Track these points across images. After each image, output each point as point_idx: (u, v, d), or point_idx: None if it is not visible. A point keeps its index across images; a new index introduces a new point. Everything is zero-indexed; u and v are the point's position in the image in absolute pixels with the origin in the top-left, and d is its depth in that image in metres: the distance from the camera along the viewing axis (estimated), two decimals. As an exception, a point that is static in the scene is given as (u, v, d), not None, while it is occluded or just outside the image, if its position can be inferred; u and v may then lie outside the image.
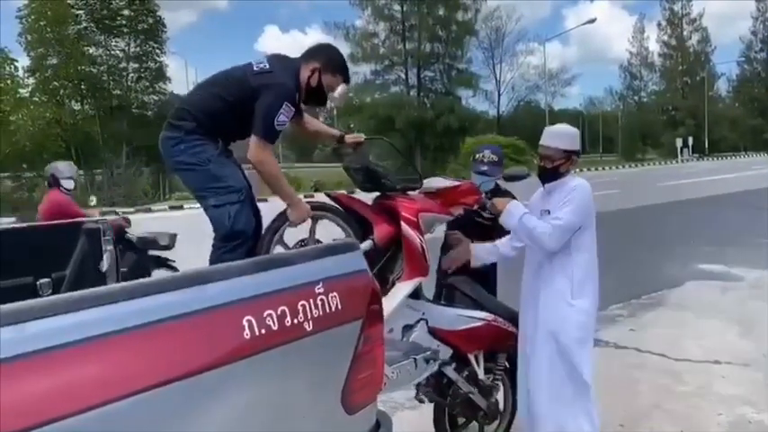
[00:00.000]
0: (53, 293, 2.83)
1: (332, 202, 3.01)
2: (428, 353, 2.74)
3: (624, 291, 7.20)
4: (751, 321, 5.80)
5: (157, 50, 31.11)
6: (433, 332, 2.99)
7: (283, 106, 2.67)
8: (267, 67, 2.76)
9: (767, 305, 6.33)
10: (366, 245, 2.78)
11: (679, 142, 52.63)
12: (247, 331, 1.55)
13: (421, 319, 2.96)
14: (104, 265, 2.80)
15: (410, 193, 3.00)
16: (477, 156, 3.70)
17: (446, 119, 34.01)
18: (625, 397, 4.13)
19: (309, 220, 2.86)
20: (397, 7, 36.71)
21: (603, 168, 43.30)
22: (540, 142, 3.03)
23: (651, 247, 10.66)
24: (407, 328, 2.94)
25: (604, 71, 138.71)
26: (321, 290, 1.77)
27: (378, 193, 3.08)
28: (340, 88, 2.93)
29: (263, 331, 1.58)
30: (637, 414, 3.90)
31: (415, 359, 2.71)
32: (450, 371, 3.11)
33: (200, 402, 1.45)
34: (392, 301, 2.76)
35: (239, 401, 1.54)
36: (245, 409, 1.56)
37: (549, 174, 3.02)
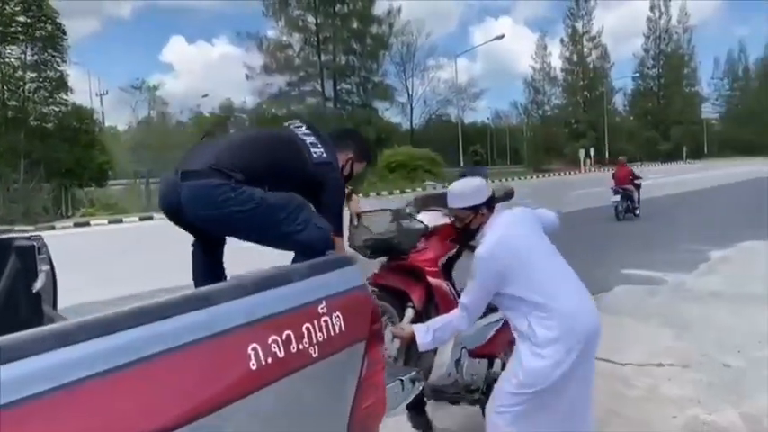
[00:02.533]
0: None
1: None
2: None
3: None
4: (683, 323, 5.98)
5: (58, 59, 29.36)
6: (472, 353, 3.11)
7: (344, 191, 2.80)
8: (325, 156, 2.66)
9: (695, 307, 6.60)
10: (409, 314, 2.91)
11: (582, 153, 55.10)
12: (253, 361, 1.33)
13: (462, 347, 3.04)
14: (38, 287, 2.46)
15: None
16: None
17: (364, 130, 33.89)
18: (581, 404, 4.10)
19: None
20: (311, 19, 36.56)
21: (513, 179, 44.61)
22: (448, 205, 2.93)
23: (575, 252, 10.93)
24: (458, 363, 3.02)
25: (510, 86, 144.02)
26: (324, 309, 1.57)
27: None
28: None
29: (269, 360, 1.37)
30: (594, 420, 3.87)
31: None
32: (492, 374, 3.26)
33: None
34: (447, 348, 2.92)
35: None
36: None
37: (464, 232, 2.93)
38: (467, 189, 2.85)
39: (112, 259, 11.30)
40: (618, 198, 15.47)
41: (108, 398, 1.08)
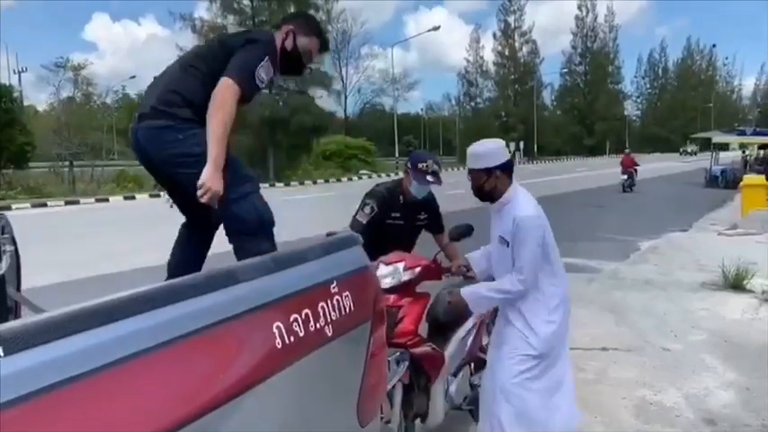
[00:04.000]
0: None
1: None
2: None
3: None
4: (621, 309, 6.26)
5: (-27, 33, 27.63)
6: (456, 372, 3.30)
7: (265, 59, 2.42)
8: (243, 30, 2.50)
9: (630, 294, 6.91)
10: (399, 393, 2.84)
11: (512, 146, 56.33)
12: (278, 340, 1.31)
13: (448, 375, 3.17)
14: (2, 269, 2.32)
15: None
16: (422, 165, 3.48)
17: (301, 118, 33.50)
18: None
19: None
20: (246, 2, 35.65)
21: (447, 170, 45.25)
22: (466, 165, 3.00)
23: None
24: (446, 394, 3.16)
25: (442, 78, 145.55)
26: (336, 289, 1.56)
27: None
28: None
29: (292, 339, 1.35)
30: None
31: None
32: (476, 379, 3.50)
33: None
34: (439, 398, 3.02)
35: (264, 425, 1.29)
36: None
37: (479, 195, 2.99)
38: (481, 150, 2.90)
39: (50, 242, 10.79)
40: (625, 177, 23.29)
41: (139, 381, 1.03)
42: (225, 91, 2.33)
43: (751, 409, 3.89)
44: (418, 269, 2.97)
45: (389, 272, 2.96)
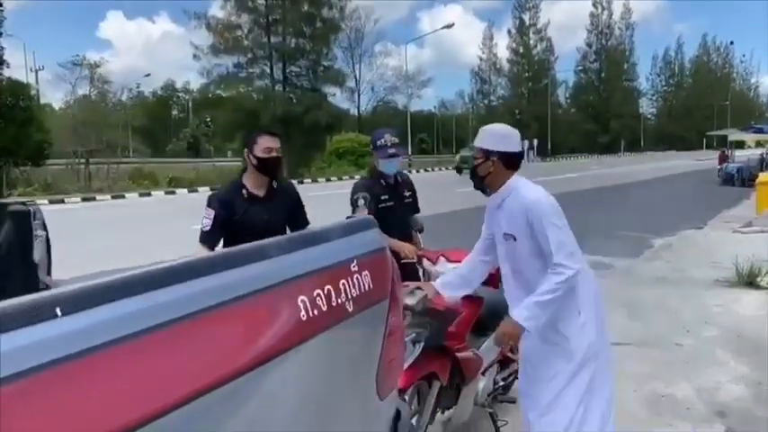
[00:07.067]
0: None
1: None
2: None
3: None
4: (633, 305, 6.28)
5: (-7, 31, 27.84)
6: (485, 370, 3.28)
7: (205, 213, 3.03)
8: None
9: (643, 290, 6.94)
10: (434, 391, 2.88)
11: (526, 144, 56.16)
12: (303, 313, 1.39)
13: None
14: (36, 255, 2.42)
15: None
16: (380, 141, 3.66)
17: (314, 115, 33.68)
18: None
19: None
20: (260, 0, 35.85)
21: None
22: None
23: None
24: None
25: (455, 75, 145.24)
26: (356, 268, 1.64)
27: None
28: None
29: (315, 312, 1.43)
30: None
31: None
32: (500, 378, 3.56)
33: (259, 396, 1.25)
34: (469, 398, 3.08)
35: (290, 393, 1.37)
36: (295, 400, 1.39)
37: (473, 179, 2.72)
38: (491, 130, 2.69)
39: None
40: (720, 167, 27.40)
41: (173, 347, 1.09)
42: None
43: (762, 402, 3.92)
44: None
45: (450, 269, 2.96)
